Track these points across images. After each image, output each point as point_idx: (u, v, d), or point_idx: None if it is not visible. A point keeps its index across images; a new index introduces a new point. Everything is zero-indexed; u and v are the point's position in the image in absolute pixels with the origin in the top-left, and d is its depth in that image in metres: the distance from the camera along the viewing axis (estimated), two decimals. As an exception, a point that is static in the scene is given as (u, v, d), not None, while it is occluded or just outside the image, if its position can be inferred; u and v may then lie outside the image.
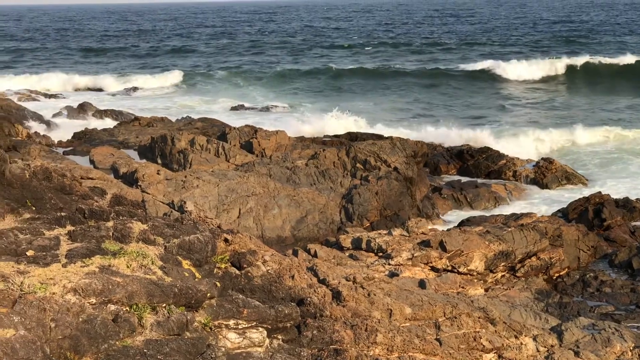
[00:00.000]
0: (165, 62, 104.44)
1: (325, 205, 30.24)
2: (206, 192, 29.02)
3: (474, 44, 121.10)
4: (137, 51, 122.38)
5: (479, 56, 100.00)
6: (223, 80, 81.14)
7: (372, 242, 22.64)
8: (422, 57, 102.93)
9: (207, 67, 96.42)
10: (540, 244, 24.59)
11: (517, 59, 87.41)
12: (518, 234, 24.35)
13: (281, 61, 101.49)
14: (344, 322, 13.60)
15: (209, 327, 10.34)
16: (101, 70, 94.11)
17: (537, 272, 24.38)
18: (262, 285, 13.38)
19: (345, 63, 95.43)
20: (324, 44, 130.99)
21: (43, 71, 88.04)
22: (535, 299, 22.36)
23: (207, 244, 11.97)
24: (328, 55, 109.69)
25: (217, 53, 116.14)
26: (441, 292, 17.86)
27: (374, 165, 32.96)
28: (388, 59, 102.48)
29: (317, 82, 79.56)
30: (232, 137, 38.13)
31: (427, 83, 76.41)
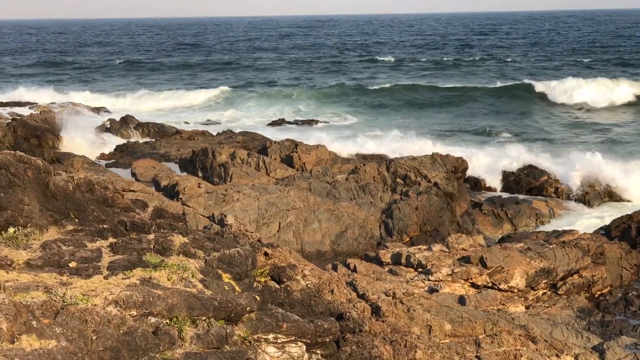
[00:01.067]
0: (212, 76, 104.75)
1: (365, 220, 30.18)
2: (246, 206, 29.11)
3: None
4: (186, 65, 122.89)
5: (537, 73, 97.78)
6: (267, 96, 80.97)
7: (411, 257, 22.54)
8: (464, 72, 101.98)
9: (249, 82, 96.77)
10: (582, 261, 24.31)
11: (573, 77, 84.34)
12: (560, 251, 24.10)
13: (325, 76, 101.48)
14: (383, 338, 13.54)
15: (248, 341, 10.34)
16: (151, 84, 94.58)
17: (578, 290, 24.10)
18: (301, 299, 13.37)
19: (392, 79, 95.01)
20: (367, 58, 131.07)
21: (86, 86, 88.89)
22: (576, 317, 22.10)
23: (247, 258, 11.98)
24: (373, 70, 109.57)
25: (260, 68, 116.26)
26: (481, 309, 17.73)
27: (414, 181, 32.84)
28: (431, 73, 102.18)
29: (365, 97, 78.72)
30: (272, 151, 38.28)
31: (471, 100, 75.42)
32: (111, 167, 40.97)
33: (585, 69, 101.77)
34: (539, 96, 76.99)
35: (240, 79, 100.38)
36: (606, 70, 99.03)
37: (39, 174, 12.25)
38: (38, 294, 8.85)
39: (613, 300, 24.12)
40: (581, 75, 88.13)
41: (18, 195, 11.38)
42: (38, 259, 10.28)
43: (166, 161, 42.40)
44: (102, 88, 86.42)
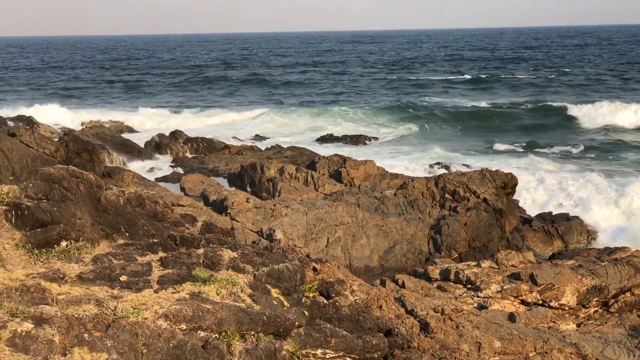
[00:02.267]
0: (258, 92, 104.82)
1: (414, 236, 30.06)
2: (295, 221, 29.17)
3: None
4: (230, 79, 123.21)
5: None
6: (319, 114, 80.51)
7: (460, 273, 22.38)
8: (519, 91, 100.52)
9: (297, 98, 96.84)
10: (635, 279, 23.93)
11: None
12: (612, 269, 23.75)
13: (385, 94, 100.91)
14: (432, 354, 13.45)
15: (296, 356, 10.34)
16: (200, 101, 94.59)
17: (631, 308, 23.71)
18: (349, 314, 13.33)
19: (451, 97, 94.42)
20: (414, 75, 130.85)
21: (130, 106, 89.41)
22: (629, 336, 21.74)
23: (296, 273, 11.99)
24: (422, 87, 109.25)
25: (307, 84, 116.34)
26: (531, 327, 17.53)
27: (463, 196, 32.65)
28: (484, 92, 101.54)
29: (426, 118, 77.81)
30: (321, 166, 38.33)
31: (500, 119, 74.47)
32: (161, 182, 41.35)
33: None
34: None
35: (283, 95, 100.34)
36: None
37: (90, 188, 12.41)
38: (90, 307, 8.94)
39: (666, 318, 23.70)
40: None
41: (70, 209, 11.53)
42: (90, 273, 10.40)
43: (215, 176, 42.70)
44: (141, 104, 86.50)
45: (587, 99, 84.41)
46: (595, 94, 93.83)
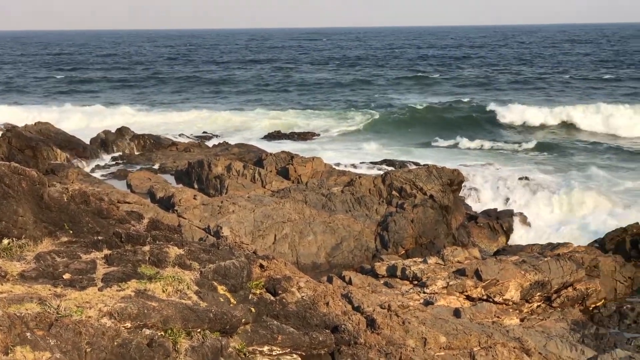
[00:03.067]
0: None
1: (361, 232, 30.19)
2: (242, 218, 29.11)
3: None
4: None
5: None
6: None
7: (407, 269, 22.54)
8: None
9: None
10: (577, 274, 24.34)
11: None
12: (554, 264, 24.12)
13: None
14: (379, 350, 13.54)
15: (243, 353, 10.34)
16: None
17: (573, 303, 24.11)
18: (296, 311, 13.36)
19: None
20: (363, 72, 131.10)
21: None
22: (571, 330, 22.10)
23: (243, 270, 11.98)
24: (371, 85, 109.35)
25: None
26: (476, 322, 17.74)
27: (410, 193, 32.86)
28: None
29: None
30: (268, 163, 38.28)
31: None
32: (106, 179, 40.95)
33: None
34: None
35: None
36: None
37: (33, 185, 12.26)
38: (32, 305, 8.84)
39: (607, 313, 24.12)
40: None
41: (12, 206, 11.39)
42: (32, 271, 10.27)
43: (162, 173, 42.40)
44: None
45: (527, 99, 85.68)
46: (533, 91, 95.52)
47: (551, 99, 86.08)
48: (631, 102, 76.14)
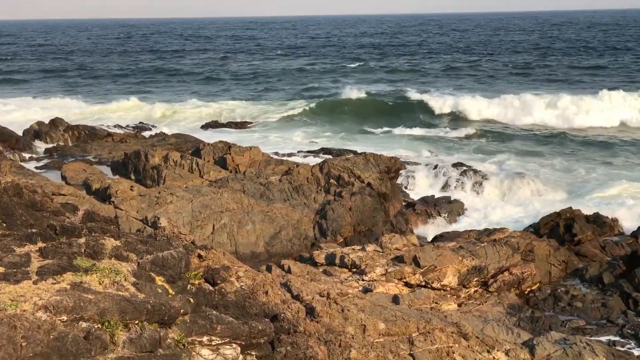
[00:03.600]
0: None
1: (299, 221, 30.23)
2: (180, 208, 28.92)
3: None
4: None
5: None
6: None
7: (345, 257, 22.64)
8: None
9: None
10: (513, 259, 24.72)
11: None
12: (491, 249, 24.47)
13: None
14: (318, 338, 13.58)
15: (182, 344, 10.27)
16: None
17: (509, 287, 24.49)
18: (235, 301, 13.33)
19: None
20: (304, 61, 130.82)
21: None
22: (507, 314, 22.46)
23: (181, 260, 11.91)
24: (311, 73, 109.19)
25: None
26: (415, 308, 17.90)
27: (348, 181, 32.99)
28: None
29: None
30: (205, 152, 38.07)
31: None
32: (40, 171, 40.31)
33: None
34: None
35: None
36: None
37: (-35, 178, 12.01)
38: (-35, 300, 8.68)
39: (542, 296, 24.57)
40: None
41: (-57, 200, 11.15)
42: (-35, 265, 10.08)
43: (98, 164, 41.89)
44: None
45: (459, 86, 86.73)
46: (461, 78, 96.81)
47: (486, 86, 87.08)
48: (560, 89, 77.59)
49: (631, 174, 42.77)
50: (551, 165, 46.14)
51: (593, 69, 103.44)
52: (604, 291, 24.83)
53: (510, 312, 22.77)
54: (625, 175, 41.58)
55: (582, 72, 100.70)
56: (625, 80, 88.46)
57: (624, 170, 43.72)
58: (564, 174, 43.48)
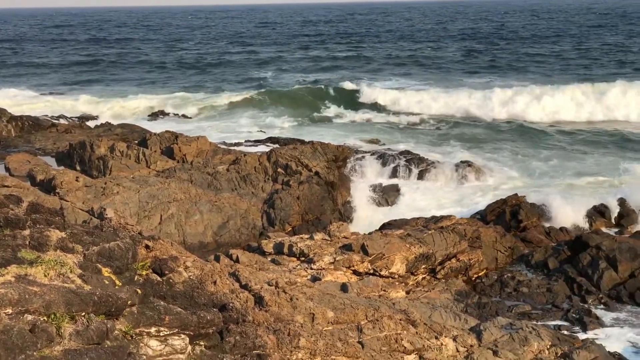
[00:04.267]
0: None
1: (247, 211, 30.17)
2: (127, 199, 28.68)
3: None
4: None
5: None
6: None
7: (294, 246, 22.66)
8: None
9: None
10: (460, 245, 24.96)
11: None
12: (438, 237, 24.68)
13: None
14: (267, 327, 13.59)
15: (129, 335, 10.20)
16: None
17: (456, 274, 24.74)
18: (184, 291, 13.27)
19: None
20: (250, 49, 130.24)
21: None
22: (455, 300, 22.69)
23: (128, 251, 11.81)
24: (258, 62, 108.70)
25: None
26: (363, 296, 17.98)
27: (295, 170, 33.00)
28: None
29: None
30: (152, 142, 37.76)
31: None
32: (-17, 162, 39.68)
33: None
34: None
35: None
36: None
37: None
38: None
39: (489, 282, 24.88)
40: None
41: None
42: None
43: (42, 155, 41.34)
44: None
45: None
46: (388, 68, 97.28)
47: (433, 75, 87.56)
48: (505, 78, 78.40)
49: (578, 164, 43.27)
50: (498, 154, 46.64)
51: (541, 57, 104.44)
52: (549, 276, 25.21)
53: (457, 298, 23.01)
54: (572, 167, 42.03)
55: (529, 59, 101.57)
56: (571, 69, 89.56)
57: (573, 162, 44.04)
58: (512, 162, 43.97)
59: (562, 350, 16.95)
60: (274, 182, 32.38)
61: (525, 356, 16.29)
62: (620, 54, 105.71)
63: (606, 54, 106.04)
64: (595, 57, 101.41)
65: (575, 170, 41.35)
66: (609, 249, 25.04)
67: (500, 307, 22.77)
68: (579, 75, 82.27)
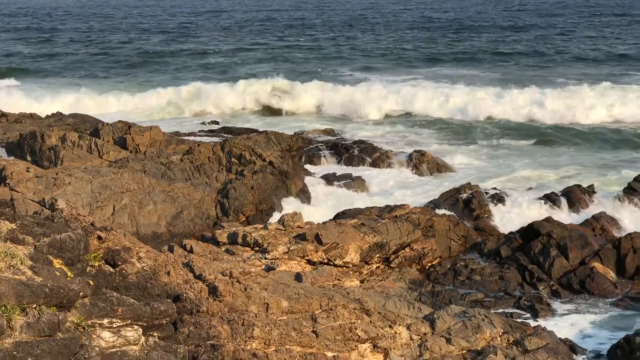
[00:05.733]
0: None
1: (201, 201, 30.05)
2: (79, 189, 28.39)
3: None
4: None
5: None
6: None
7: (248, 236, 22.63)
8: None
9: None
10: (414, 234, 25.13)
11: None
12: (392, 226, 24.81)
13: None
14: (221, 317, 13.59)
15: (82, 327, 10.14)
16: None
17: (410, 263, 24.90)
18: (137, 282, 13.21)
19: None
20: (186, 40, 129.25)
21: None
22: (408, 289, 22.85)
23: (80, 242, 11.72)
24: (199, 54, 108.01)
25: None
26: (317, 285, 18.03)
27: (249, 160, 32.92)
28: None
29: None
30: (105, 132, 37.35)
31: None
32: None
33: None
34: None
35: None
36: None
37: None
38: None
39: (442, 271, 25.08)
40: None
41: None
42: None
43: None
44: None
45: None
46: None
47: (388, 66, 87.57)
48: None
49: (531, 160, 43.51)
50: (446, 144, 47.07)
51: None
52: (501, 264, 25.50)
53: (411, 287, 23.17)
54: (527, 164, 42.23)
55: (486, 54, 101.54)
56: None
57: (526, 159, 44.23)
58: (467, 153, 44.33)
59: (514, 337, 17.17)
60: (228, 172, 32.27)
61: (478, 343, 16.48)
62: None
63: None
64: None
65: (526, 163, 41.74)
66: (560, 237, 25.38)
67: (454, 295, 22.98)
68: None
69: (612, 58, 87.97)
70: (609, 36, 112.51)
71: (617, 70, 77.08)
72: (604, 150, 45.70)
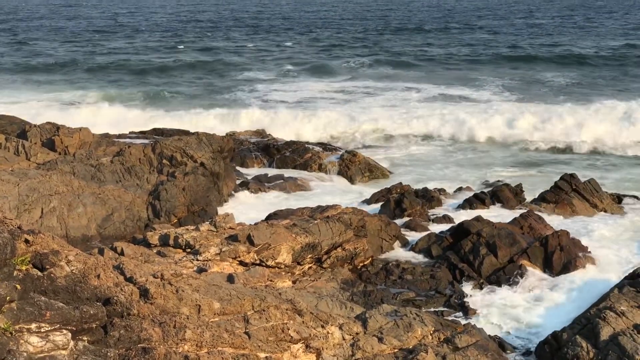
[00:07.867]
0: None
1: (132, 203, 29.78)
2: (5, 192, 27.88)
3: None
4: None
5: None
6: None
7: (179, 238, 22.49)
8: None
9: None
10: (345, 234, 25.25)
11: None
12: (324, 226, 24.89)
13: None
14: (152, 320, 13.49)
15: (9, 332, 9.98)
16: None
17: (342, 263, 25.01)
18: (66, 286, 13.03)
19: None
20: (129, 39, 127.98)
21: None
22: (341, 289, 22.97)
23: (6, 246, 11.52)
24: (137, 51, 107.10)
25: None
26: (249, 286, 18.01)
27: (181, 161, 32.73)
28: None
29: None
30: (32, 134, 36.71)
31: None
32: None
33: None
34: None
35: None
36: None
37: None
38: None
39: (374, 270, 25.24)
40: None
41: None
42: None
43: None
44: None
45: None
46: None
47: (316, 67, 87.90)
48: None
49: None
50: (379, 145, 47.49)
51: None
52: (432, 263, 25.78)
53: (343, 287, 23.29)
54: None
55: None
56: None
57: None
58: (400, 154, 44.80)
59: (444, 335, 17.38)
60: (159, 174, 32.04)
61: (410, 342, 16.64)
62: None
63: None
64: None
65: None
66: (489, 235, 25.76)
67: (386, 294, 23.16)
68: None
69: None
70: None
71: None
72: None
